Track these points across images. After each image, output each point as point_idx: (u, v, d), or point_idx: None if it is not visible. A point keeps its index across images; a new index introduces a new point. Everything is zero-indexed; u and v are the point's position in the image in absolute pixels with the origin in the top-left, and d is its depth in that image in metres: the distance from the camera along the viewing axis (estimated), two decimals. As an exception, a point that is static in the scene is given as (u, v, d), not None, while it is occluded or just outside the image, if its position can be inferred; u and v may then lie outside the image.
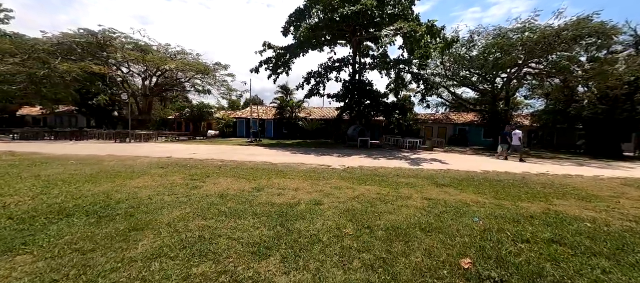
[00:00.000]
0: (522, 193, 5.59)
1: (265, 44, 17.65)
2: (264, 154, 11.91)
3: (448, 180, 6.64)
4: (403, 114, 21.24)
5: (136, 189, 5.01)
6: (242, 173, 6.95)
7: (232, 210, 3.79)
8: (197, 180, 5.92)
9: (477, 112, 21.89)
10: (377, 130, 27.97)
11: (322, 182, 5.97)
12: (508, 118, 19.95)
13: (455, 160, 11.72)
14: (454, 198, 4.90)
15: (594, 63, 16.03)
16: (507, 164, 10.74)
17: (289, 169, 7.75)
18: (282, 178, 6.33)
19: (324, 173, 7.26)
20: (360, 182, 6.10)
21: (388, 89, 22.21)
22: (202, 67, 21.35)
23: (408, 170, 8.03)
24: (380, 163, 9.53)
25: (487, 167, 9.52)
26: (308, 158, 10.53)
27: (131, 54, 18.49)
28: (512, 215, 3.91)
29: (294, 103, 26.77)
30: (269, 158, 10.10)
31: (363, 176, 6.93)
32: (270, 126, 29.64)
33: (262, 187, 5.38)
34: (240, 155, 11.29)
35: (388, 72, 21.31)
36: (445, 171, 8.08)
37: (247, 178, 6.22)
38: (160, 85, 24.09)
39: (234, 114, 31.27)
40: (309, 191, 5.11)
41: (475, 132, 25.95)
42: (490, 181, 6.83)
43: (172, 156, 10.03)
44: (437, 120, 27.81)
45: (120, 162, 8.48)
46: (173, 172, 6.83)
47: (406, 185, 5.96)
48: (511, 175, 7.81)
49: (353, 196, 4.79)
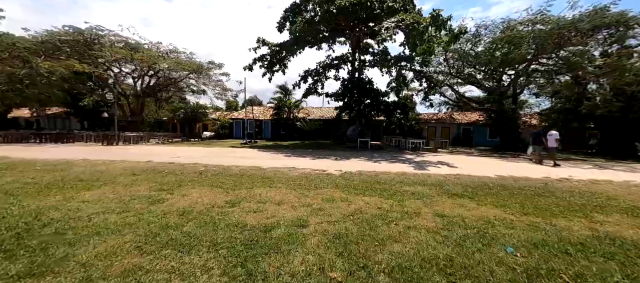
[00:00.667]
0: (552, 205, 4.65)
1: (259, 40, 16.76)
2: (255, 157, 11.00)
3: (461, 189, 5.70)
4: (405, 114, 20.28)
5: (83, 204, 4.11)
6: (222, 181, 6.04)
7: (186, 238, 2.87)
8: (165, 191, 5.02)
9: (482, 111, 20.93)
10: (378, 131, 27.01)
11: (313, 193, 5.04)
12: (516, 117, 18.97)
13: (463, 162, 10.77)
14: (472, 214, 3.97)
15: (607, 58, 15.06)
16: (521, 167, 9.78)
17: (277, 176, 6.83)
18: (266, 188, 5.42)
19: (317, 180, 6.34)
20: (358, 192, 5.17)
21: (389, 87, 21.24)
22: (195, 66, 20.48)
23: (413, 176, 7.09)
24: (382, 168, 8.60)
25: (501, 170, 8.57)
26: (302, 162, 9.61)
27: (119, 52, 17.64)
28: (556, 243, 2.97)
29: (292, 103, 25.86)
30: (258, 162, 9.19)
31: (362, 184, 6.00)
32: (267, 127, 28.74)
33: (239, 200, 4.46)
34: (229, 158, 10.38)
35: (389, 70, 20.39)
36: (455, 176, 7.14)
37: (224, 188, 5.31)
38: (153, 85, 23.25)
39: (230, 115, 30.40)
40: (295, 205, 4.18)
41: (480, 132, 24.96)
42: (509, 189, 5.89)
43: (153, 160, 9.13)
44: (441, 120, 26.83)
45: (91, 168, 7.59)
46: (142, 181, 5.92)
47: (412, 196, 5.03)
48: (531, 181, 6.86)
49: (348, 213, 3.86)
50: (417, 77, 18.76)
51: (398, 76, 20.17)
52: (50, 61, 14.97)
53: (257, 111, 30.77)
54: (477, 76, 20.27)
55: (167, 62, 19.81)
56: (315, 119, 26.72)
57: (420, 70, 18.58)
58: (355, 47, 19.21)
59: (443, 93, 23.80)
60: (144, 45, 20.42)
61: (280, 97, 25.96)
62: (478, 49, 16.94)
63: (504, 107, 18.88)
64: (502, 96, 18.28)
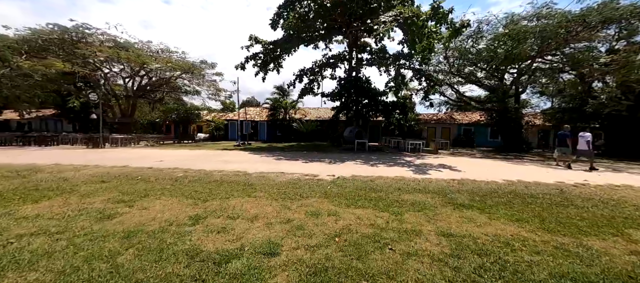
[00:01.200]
0: (575, 218, 3.97)
1: (251, 37, 16.07)
2: (243, 160, 10.29)
3: (467, 197, 5.01)
4: (404, 114, 19.61)
5: (16, 222, 3.43)
6: (196, 189, 5.34)
7: (111, 276, 2.17)
8: (124, 203, 4.31)
9: (484, 111, 20.29)
10: (376, 132, 26.32)
11: (297, 204, 4.35)
12: (519, 117, 18.31)
13: (466, 165, 10.08)
14: (485, 231, 3.28)
15: (614, 55, 14.44)
16: (529, 170, 9.09)
17: (262, 182, 6.13)
18: (244, 198, 4.72)
19: (306, 187, 5.64)
20: (349, 203, 4.48)
21: (387, 87, 20.62)
22: (186, 66, 19.75)
23: (413, 182, 6.40)
24: (379, 172, 7.90)
25: (508, 174, 7.88)
26: (293, 166, 8.91)
27: (105, 50, 16.93)
28: (600, 279, 2.27)
29: (288, 103, 25.16)
30: (246, 166, 8.49)
31: (355, 191, 5.31)
32: (263, 128, 28.04)
33: (207, 214, 3.77)
34: (215, 162, 9.68)
35: (387, 69, 19.75)
36: (459, 182, 6.44)
37: (196, 199, 4.62)
38: (144, 86, 22.53)
39: (225, 116, 29.70)
40: (271, 222, 3.49)
41: (482, 132, 24.29)
42: (521, 196, 5.21)
43: (130, 165, 8.41)
44: (441, 120, 26.16)
45: (57, 174, 6.88)
46: (105, 190, 5.22)
47: (412, 207, 4.33)
48: (543, 186, 6.17)
49: (333, 232, 3.16)
50: (416, 76, 18.09)
51: (397, 75, 19.54)
52: (31, 60, 14.25)
53: (253, 112, 30.09)
54: (478, 75, 19.64)
55: (160, 62, 19.09)
56: (312, 120, 26.03)
57: (420, 69, 17.91)
58: (352, 45, 18.56)
59: (443, 92, 23.16)
60: (134, 45, 19.74)
61: (275, 98, 25.27)
62: (479, 46, 16.30)
63: (507, 106, 18.23)
64: (504, 95, 17.63)
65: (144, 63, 18.32)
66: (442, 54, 19.26)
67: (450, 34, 10.57)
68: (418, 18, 10.38)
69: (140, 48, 19.87)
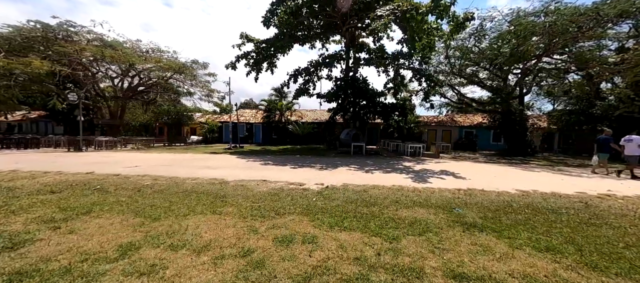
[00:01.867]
0: (618, 244, 3.13)
1: (242, 35, 15.29)
2: (227, 166, 9.43)
3: (478, 214, 4.16)
4: (403, 116, 18.82)
5: None
6: (155, 203, 4.51)
7: None
8: (52, 223, 3.47)
9: (486, 113, 19.48)
10: (374, 135, 25.50)
11: (267, 225, 3.49)
12: (524, 119, 17.47)
13: (471, 171, 9.24)
14: (509, 270, 2.43)
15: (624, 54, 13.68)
16: (540, 177, 8.25)
17: (237, 193, 5.29)
18: (206, 215, 3.88)
19: (286, 200, 4.79)
20: (334, 222, 3.62)
21: (386, 88, 19.86)
22: (177, 66, 18.92)
23: (412, 192, 5.55)
24: (374, 179, 7.05)
25: (519, 182, 7.04)
26: (280, 172, 8.05)
27: (88, 49, 16.12)
28: None
29: (283, 105, 24.34)
30: (226, 173, 7.63)
31: (343, 206, 4.46)
32: (258, 131, 27.20)
33: (146, 240, 2.92)
34: (194, 168, 8.82)
35: (386, 70, 18.97)
36: (466, 192, 5.59)
37: (146, 217, 3.77)
38: (134, 86, 21.71)
39: (219, 118, 28.90)
40: (223, 255, 2.63)
41: (484, 135, 23.46)
42: (541, 212, 4.36)
43: (96, 172, 7.56)
44: (441, 122, 25.33)
45: (7, 182, 6.03)
46: (45, 204, 4.38)
47: (411, 227, 3.49)
48: (564, 199, 5.32)
49: (304, 272, 2.31)
50: (416, 76, 17.27)
51: (396, 75, 18.79)
52: (8, 58, 13.45)
53: (249, 114, 29.29)
54: (480, 75, 18.87)
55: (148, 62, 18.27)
56: (309, 122, 25.19)
57: (420, 69, 17.11)
58: (349, 44, 17.81)
59: (444, 94, 22.35)
60: (123, 44, 18.95)
61: (270, 99, 24.46)
62: (482, 45, 15.51)
63: (511, 107, 17.42)
64: (508, 96, 16.82)
65: (130, 62, 17.52)
66: (443, 53, 18.49)
67: (453, 29, 9.78)
68: (417, 11, 9.59)
69: (129, 47, 19.08)
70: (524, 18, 11.84)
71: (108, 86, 22.94)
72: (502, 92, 16.56)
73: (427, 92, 17.28)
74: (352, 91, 17.30)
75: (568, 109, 18.36)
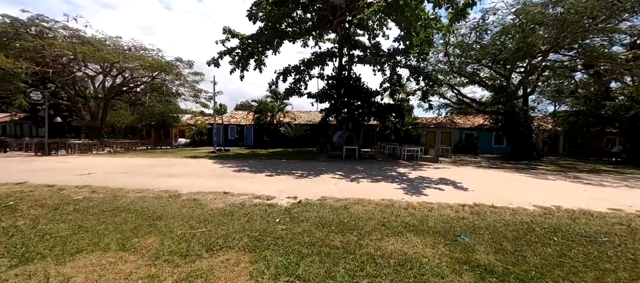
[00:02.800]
0: None
1: (226, 30, 14.18)
2: (193, 173, 8.25)
3: (492, 246, 3.02)
4: (400, 117, 17.69)
5: None
6: (52, 230, 3.34)
7: None
8: None
9: (488, 114, 18.38)
10: (371, 137, 24.38)
11: (176, 277, 2.33)
12: (528, 120, 16.37)
13: (474, 179, 8.09)
14: None
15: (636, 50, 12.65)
16: (555, 187, 7.12)
17: (180, 211, 4.13)
18: (108, 253, 2.73)
19: (235, 225, 3.63)
20: (282, 270, 2.47)
21: (382, 88, 18.78)
22: (158, 65, 17.71)
23: (404, 210, 4.39)
24: (360, 191, 5.90)
25: (534, 194, 5.90)
26: (251, 182, 6.89)
27: (57, 45, 14.97)
28: None
29: (275, 106, 23.18)
30: (187, 182, 6.47)
31: (311, 232, 3.32)
32: (249, 133, 26.02)
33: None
34: (154, 175, 7.65)
35: (382, 68, 17.90)
36: (472, 210, 4.44)
37: (13, 256, 2.60)
38: (117, 86, 20.52)
39: (209, 120, 27.73)
40: None
41: (485, 137, 22.34)
42: (577, 242, 3.23)
43: (30, 181, 6.38)
44: (440, 124, 24.20)
45: None
46: None
47: (397, 273, 2.35)
48: (598, 219, 4.17)
49: None
50: (413, 75, 16.17)
51: (392, 74, 17.68)
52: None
53: (240, 116, 28.14)
54: (481, 74, 17.78)
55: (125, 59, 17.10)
56: (302, 124, 24.02)
57: (417, 67, 16.03)
58: (342, 40, 16.71)
59: (443, 94, 21.24)
60: (103, 41, 17.81)
61: (260, 100, 23.31)
62: (484, 41, 14.44)
63: (515, 108, 16.34)
64: (511, 95, 15.73)
65: (105, 60, 16.35)
66: (442, 50, 17.43)
67: (452, 17, 8.67)
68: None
69: (109, 44, 17.92)
70: (531, 6, 10.75)
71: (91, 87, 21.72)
72: (505, 91, 15.46)
73: (425, 92, 16.19)
74: (345, 90, 16.18)
75: (575, 110, 17.27)
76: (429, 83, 15.68)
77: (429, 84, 15.86)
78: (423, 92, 16.15)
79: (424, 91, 16.15)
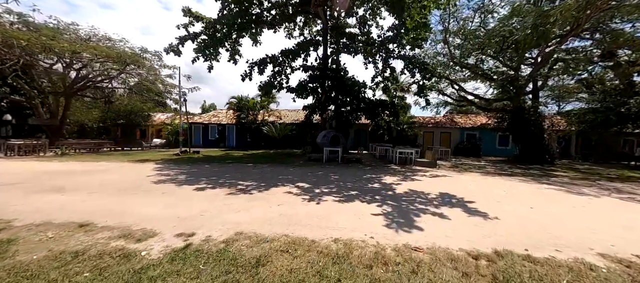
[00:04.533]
0: None
1: (187, 11, 12.07)
2: (99, 186, 6.11)
3: None
4: (394, 116, 15.61)
5: None
6: None
7: None
8: None
9: (493, 111, 16.33)
10: (363, 138, 22.27)
11: None
12: (539, 119, 14.29)
13: (485, 194, 5.98)
14: None
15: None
16: (605, 207, 5.03)
17: None
18: None
19: None
20: None
21: (374, 83, 16.72)
22: (119, 56, 15.43)
23: (367, 268, 2.26)
24: (310, 221, 3.79)
25: (582, 223, 3.81)
26: (163, 200, 4.77)
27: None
28: None
29: (256, 103, 21.03)
30: (66, 202, 4.35)
31: None
32: (232, 133, 23.88)
33: None
34: (40, 188, 5.51)
35: (373, 59, 15.83)
36: (493, 269, 2.31)
37: None
38: (78, 80, 18.34)
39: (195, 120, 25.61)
40: None
41: (488, 138, 20.23)
42: None
43: None
44: (439, 124, 22.06)
45: None
46: None
47: None
48: None
49: None
50: (408, 66, 14.10)
51: (384, 67, 15.60)
52: None
53: (223, 115, 26.01)
54: (484, 66, 15.71)
55: (82, 49, 14.94)
56: (288, 123, 21.89)
57: (413, 57, 13.97)
58: (326, 24, 14.63)
59: (442, 91, 19.17)
60: (58, 28, 15.72)
61: (240, 96, 21.18)
62: (489, 26, 12.39)
63: (523, 104, 14.28)
64: (521, 89, 13.67)
65: (45, 48, 14.15)
66: (441, 40, 15.38)
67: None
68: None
69: (64, 33, 15.80)
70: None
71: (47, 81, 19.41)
72: (514, 84, 13.39)
73: (421, 86, 14.11)
74: (331, 84, 14.08)
75: (592, 107, 15.21)
76: (426, 75, 13.60)
77: (426, 76, 13.78)
78: (419, 86, 14.07)
79: (420, 85, 14.08)
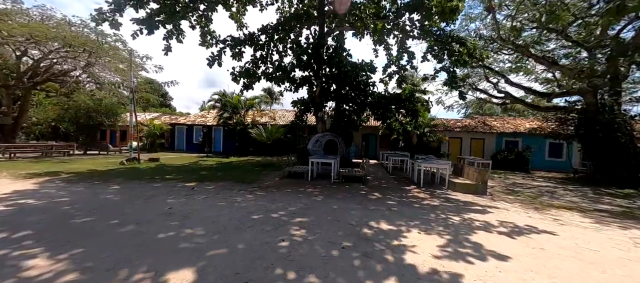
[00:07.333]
0: None
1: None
2: None
3: None
4: (413, 115, 11.63)
5: None
6: None
7: None
8: None
9: (553, 111, 12.02)
10: (371, 143, 18.24)
11: None
12: (622, 123, 9.90)
13: None
14: None
15: None
16: None
17: None
18: None
19: None
20: None
21: (386, 74, 12.60)
22: (61, 37, 12.23)
23: None
24: None
25: None
26: None
27: None
28: None
29: (242, 102, 17.53)
30: None
31: None
32: (219, 136, 20.48)
33: None
34: None
35: (386, 43, 11.90)
36: None
37: None
38: (29, 69, 15.37)
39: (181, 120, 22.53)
40: None
41: (535, 147, 15.68)
42: None
43: None
44: (469, 127, 17.64)
45: None
46: None
47: None
48: None
49: None
50: (432, 49, 10.12)
51: (400, 51, 11.56)
52: None
53: (211, 116, 22.73)
54: (549, 47, 11.43)
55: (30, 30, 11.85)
56: (281, 125, 18.24)
57: (440, 34, 9.95)
58: None
59: (476, 85, 14.94)
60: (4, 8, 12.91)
61: (223, 92, 17.72)
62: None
63: (603, 102, 9.95)
64: (604, 80, 9.39)
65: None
66: (481, 15, 11.29)
67: None
68: None
69: (14, 13, 12.96)
70: None
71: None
72: (602, 76, 9.12)
73: (452, 73, 10.00)
74: (328, 69, 10.31)
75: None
76: (462, 56, 9.52)
77: (460, 60, 9.67)
78: (449, 73, 9.94)
79: (451, 71, 9.97)
